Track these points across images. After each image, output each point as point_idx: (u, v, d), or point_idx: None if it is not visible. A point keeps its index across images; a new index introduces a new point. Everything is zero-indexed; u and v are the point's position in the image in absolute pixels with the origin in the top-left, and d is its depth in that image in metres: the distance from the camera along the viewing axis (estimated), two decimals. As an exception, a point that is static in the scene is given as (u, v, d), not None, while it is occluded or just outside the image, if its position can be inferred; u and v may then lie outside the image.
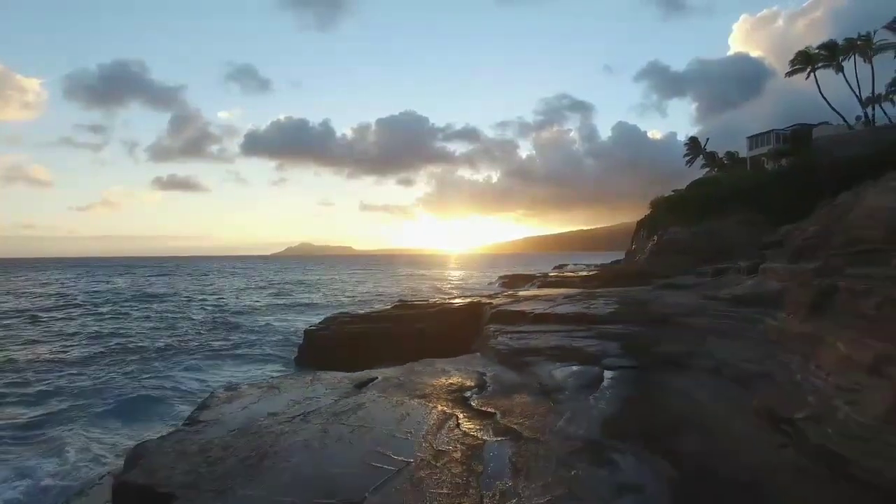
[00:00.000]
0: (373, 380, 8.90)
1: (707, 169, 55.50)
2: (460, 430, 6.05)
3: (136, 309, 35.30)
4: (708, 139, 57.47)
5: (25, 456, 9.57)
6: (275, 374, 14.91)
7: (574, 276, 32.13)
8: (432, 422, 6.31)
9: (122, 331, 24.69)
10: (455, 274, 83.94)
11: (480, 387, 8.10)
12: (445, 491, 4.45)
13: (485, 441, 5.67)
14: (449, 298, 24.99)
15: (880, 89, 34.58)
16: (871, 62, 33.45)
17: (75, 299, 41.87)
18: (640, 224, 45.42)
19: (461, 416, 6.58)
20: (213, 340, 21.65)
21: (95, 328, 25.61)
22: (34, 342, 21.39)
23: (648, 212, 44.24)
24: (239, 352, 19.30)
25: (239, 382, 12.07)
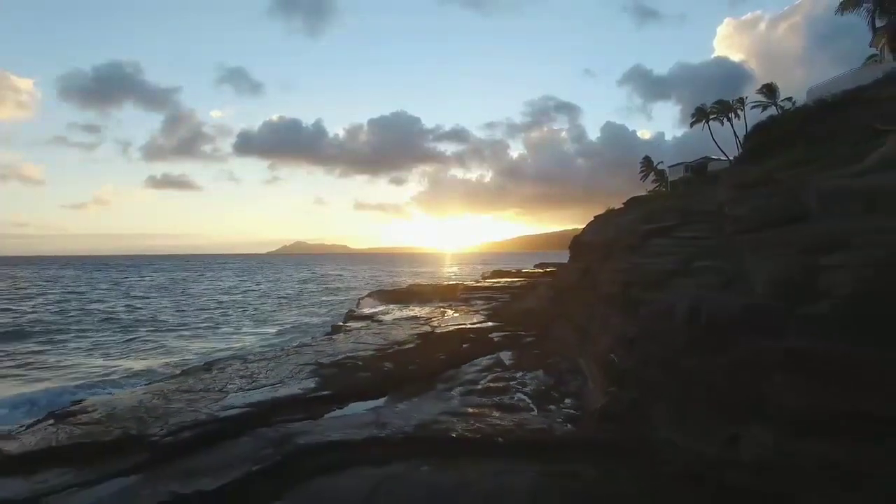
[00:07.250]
0: (408, 305, 22.81)
1: (657, 184, 69.18)
2: (440, 310, 20.42)
3: (237, 294, 50.25)
4: (662, 161, 71.13)
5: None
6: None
7: (540, 271, 45.65)
8: (431, 308, 20.52)
9: (257, 301, 42.69)
10: (450, 270, 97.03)
11: (449, 305, 22.15)
12: (435, 314, 18.50)
13: (445, 310, 19.77)
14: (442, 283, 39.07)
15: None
16: (745, 118, 47.21)
17: (170, 290, 55.33)
18: (596, 231, 59.16)
19: (440, 309, 20.78)
20: (307, 304, 40.07)
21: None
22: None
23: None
24: (323, 309, 36.33)
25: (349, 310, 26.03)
